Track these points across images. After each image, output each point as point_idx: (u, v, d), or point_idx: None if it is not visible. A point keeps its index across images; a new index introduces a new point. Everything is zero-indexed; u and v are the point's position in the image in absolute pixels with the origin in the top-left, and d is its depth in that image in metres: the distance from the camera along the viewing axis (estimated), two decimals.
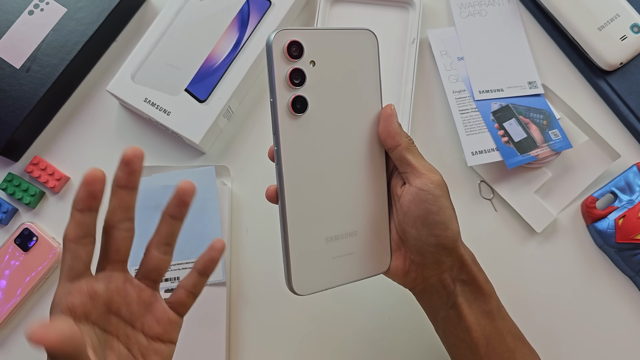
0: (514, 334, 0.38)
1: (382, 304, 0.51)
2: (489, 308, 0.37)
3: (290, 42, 0.33)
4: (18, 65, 0.54)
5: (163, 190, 0.53)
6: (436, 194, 0.35)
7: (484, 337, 0.37)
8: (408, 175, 0.36)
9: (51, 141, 0.57)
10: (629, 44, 0.52)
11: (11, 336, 0.52)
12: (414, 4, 0.56)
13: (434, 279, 0.37)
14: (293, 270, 0.34)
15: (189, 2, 0.55)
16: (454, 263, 0.37)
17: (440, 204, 0.35)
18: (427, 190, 0.35)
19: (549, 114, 0.53)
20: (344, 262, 0.36)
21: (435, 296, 0.38)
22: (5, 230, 0.54)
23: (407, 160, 0.36)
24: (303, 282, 0.35)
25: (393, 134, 0.36)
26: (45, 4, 0.55)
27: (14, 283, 0.52)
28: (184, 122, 0.52)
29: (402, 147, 0.36)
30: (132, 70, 0.53)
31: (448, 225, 0.35)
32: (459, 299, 0.37)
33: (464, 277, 0.37)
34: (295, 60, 0.33)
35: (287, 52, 0.33)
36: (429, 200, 0.35)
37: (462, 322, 0.37)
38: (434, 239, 0.35)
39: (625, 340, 0.50)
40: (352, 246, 0.37)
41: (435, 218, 0.35)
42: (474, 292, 0.37)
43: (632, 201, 0.50)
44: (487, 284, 0.38)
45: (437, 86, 0.56)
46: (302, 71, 0.33)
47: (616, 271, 0.52)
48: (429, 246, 0.36)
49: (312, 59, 0.34)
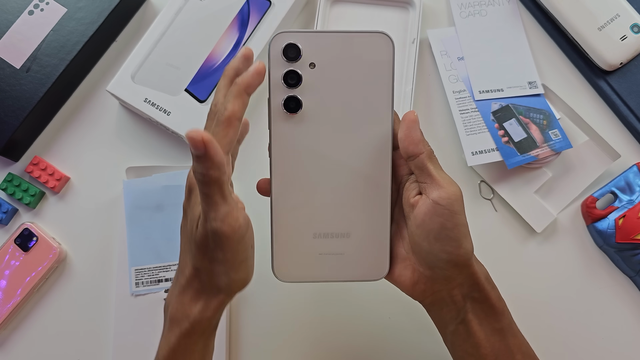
0: (524, 351, 0.38)
1: (382, 304, 0.51)
2: (500, 326, 0.37)
3: (287, 45, 0.34)
4: (18, 65, 0.54)
5: (163, 190, 0.53)
6: (453, 210, 0.33)
7: (493, 355, 0.36)
8: (426, 186, 0.35)
9: (51, 141, 0.57)
10: (629, 44, 0.52)
11: (11, 336, 0.52)
12: (414, 4, 0.56)
13: (444, 293, 0.36)
14: (274, 257, 0.37)
15: (189, 2, 0.55)
16: (465, 280, 0.36)
17: (456, 220, 0.34)
18: (444, 205, 0.33)
19: (549, 114, 0.53)
20: (331, 260, 0.37)
21: (445, 310, 0.37)
22: (5, 230, 0.54)
23: (427, 170, 0.34)
24: (284, 269, 0.37)
25: (417, 141, 0.34)
26: (45, 4, 0.55)
27: (14, 283, 0.52)
28: (184, 122, 0.52)
29: (424, 155, 0.34)
30: (132, 70, 0.53)
31: (461, 243, 0.34)
32: (469, 315, 0.36)
33: (475, 294, 0.36)
34: (291, 62, 0.34)
35: (283, 55, 0.34)
36: (445, 216, 0.33)
37: (471, 338, 0.36)
38: (445, 255, 0.34)
39: (625, 340, 0.50)
40: (343, 247, 0.37)
41: (449, 234, 0.34)
42: (486, 310, 0.36)
43: (632, 201, 0.50)
44: (499, 301, 0.37)
45: (437, 86, 0.56)
46: (298, 73, 0.35)
47: (616, 271, 0.52)
48: (439, 261, 0.35)
49: (312, 61, 0.35)
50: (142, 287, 0.51)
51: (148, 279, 0.51)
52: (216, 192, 0.31)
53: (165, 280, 0.51)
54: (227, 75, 0.35)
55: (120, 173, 0.55)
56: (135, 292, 0.51)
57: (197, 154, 0.29)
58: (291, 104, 0.35)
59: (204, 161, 0.29)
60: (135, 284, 0.51)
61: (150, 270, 0.51)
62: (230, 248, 0.32)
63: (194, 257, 0.34)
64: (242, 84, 0.33)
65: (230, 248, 0.32)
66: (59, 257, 0.52)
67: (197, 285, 0.35)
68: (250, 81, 0.33)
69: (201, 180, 0.30)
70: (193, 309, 0.34)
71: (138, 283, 0.51)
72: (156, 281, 0.51)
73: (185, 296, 0.35)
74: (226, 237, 0.32)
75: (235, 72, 0.35)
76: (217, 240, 0.32)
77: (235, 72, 0.35)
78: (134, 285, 0.51)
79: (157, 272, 0.51)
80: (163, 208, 0.52)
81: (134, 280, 0.51)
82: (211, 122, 0.34)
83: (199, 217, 0.33)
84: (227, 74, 0.35)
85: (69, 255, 0.54)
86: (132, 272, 0.52)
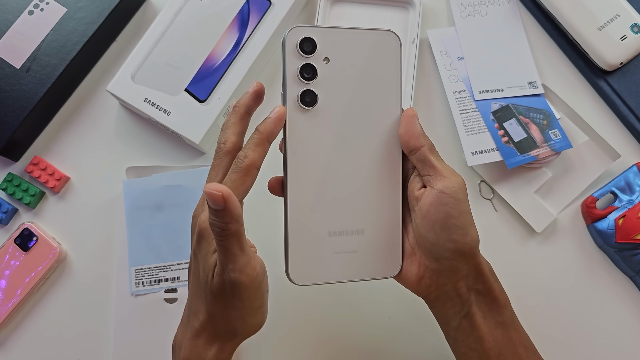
0: (526, 345, 0.38)
1: (382, 304, 0.51)
2: (503, 319, 0.37)
3: (303, 39, 0.34)
4: (18, 65, 0.54)
5: (163, 190, 0.53)
6: (458, 198, 0.34)
7: (497, 348, 0.36)
8: (430, 178, 0.35)
9: (51, 141, 0.57)
10: (629, 44, 0.52)
11: (11, 336, 0.52)
12: (414, 4, 0.56)
13: (449, 286, 0.36)
14: (290, 259, 0.35)
15: (189, 2, 0.55)
16: (470, 271, 0.36)
17: (461, 208, 0.34)
18: (449, 194, 0.34)
19: (549, 114, 0.53)
20: (346, 259, 0.36)
21: (449, 304, 0.37)
22: (5, 230, 0.54)
23: (430, 162, 0.35)
24: (301, 271, 0.35)
25: (417, 134, 0.35)
26: (45, 4, 0.55)
27: (14, 283, 0.52)
28: (184, 122, 0.52)
29: (425, 148, 0.35)
30: (132, 70, 0.53)
31: (467, 230, 0.34)
32: (473, 308, 0.36)
33: (479, 286, 0.36)
34: (307, 55, 0.34)
35: (299, 48, 0.34)
36: (450, 204, 0.34)
37: (474, 332, 0.36)
38: (451, 244, 0.34)
39: (625, 340, 0.50)
40: (357, 244, 0.36)
41: (455, 222, 0.34)
42: (489, 303, 0.36)
43: (632, 201, 0.50)
44: (502, 294, 0.37)
45: (437, 86, 0.56)
46: (314, 67, 0.35)
47: (616, 271, 0.52)
48: (446, 252, 0.35)
49: (327, 55, 0.35)
50: (142, 287, 0.51)
51: (148, 279, 0.51)
52: (234, 244, 0.31)
53: (165, 280, 0.51)
54: (238, 112, 0.35)
55: (120, 173, 0.55)
56: (135, 292, 0.51)
57: (216, 208, 0.29)
58: (307, 98, 0.35)
59: (222, 216, 0.29)
60: (135, 284, 0.51)
61: (150, 270, 0.51)
62: (248, 296, 0.33)
63: (209, 304, 0.34)
64: (264, 132, 0.33)
65: (247, 296, 0.33)
66: (59, 257, 0.52)
67: (211, 329, 0.35)
68: (272, 129, 0.33)
69: (219, 233, 0.30)
70: (208, 353, 0.35)
71: (138, 283, 0.51)
72: (156, 281, 0.51)
73: (199, 340, 0.35)
74: (244, 286, 0.32)
75: (247, 110, 0.35)
76: (235, 290, 0.32)
77: (246, 110, 0.35)
78: (134, 285, 0.51)
79: (157, 272, 0.51)
80: (163, 208, 0.52)
81: (134, 280, 0.51)
82: (219, 160, 0.35)
83: (214, 267, 0.33)
84: (239, 111, 0.35)
85: (69, 255, 0.54)
86: (132, 272, 0.52)
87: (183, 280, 0.51)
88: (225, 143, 0.35)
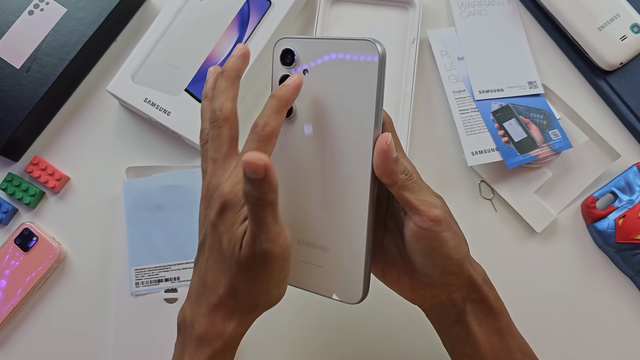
0: (523, 350, 0.38)
1: (381, 304, 0.51)
2: (499, 326, 0.37)
3: (283, 51, 0.35)
4: (18, 65, 0.54)
5: (163, 190, 0.53)
6: (436, 231, 0.33)
7: (493, 355, 0.36)
8: (407, 211, 0.34)
9: (51, 141, 0.57)
10: (629, 44, 0.52)
11: (11, 336, 0.52)
12: (414, 4, 0.56)
13: (443, 297, 0.36)
14: None
15: (189, 2, 0.55)
16: (464, 284, 0.36)
17: (442, 239, 0.33)
18: (427, 229, 0.33)
19: (549, 114, 0.53)
20: (312, 270, 0.36)
21: (444, 313, 0.37)
22: (5, 230, 0.54)
23: (403, 198, 0.34)
24: None
25: (388, 172, 0.33)
26: (45, 4, 0.55)
27: (14, 283, 0.52)
28: (184, 122, 0.52)
29: (397, 185, 0.33)
30: (132, 70, 0.53)
31: (452, 255, 0.34)
32: (469, 317, 0.36)
33: (474, 296, 0.36)
34: (287, 67, 0.35)
35: (280, 60, 0.35)
36: (430, 238, 0.33)
37: (471, 339, 0.36)
38: (438, 269, 0.34)
39: (625, 340, 0.50)
40: (322, 260, 0.36)
41: (438, 252, 0.34)
42: (484, 310, 0.36)
43: (632, 201, 0.50)
44: (497, 301, 0.37)
45: (437, 86, 0.56)
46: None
47: (616, 271, 0.52)
48: (434, 273, 0.35)
49: (305, 67, 0.34)
50: (142, 287, 0.51)
51: (148, 279, 0.51)
52: (269, 214, 0.30)
53: (165, 280, 0.51)
54: (229, 76, 0.35)
55: (120, 173, 0.55)
56: (135, 292, 0.51)
57: (255, 178, 0.28)
58: None
59: (261, 185, 0.29)
60: (135, 284, 0.51)
61: (150, 270, 0.51)
62: (277, 267, 0.32)
63: (234, 276, 0.33)
64: (283, 98, 0.32)
65: (277, 267, 0.32)
66: (59, 257, 0.52)
67: (232, 303, 0.34)
68: (290, 94, 0.32)
69: (255, 203, 0.30)
70: (227, 327, 0.34)
71: (138, 283, 0.51)
72: (156, 281, 0.51)
73: (217, 314, 0.34)
74: (275, 257, 0.31)
75: (237, 73, 0.35)
76: (265, 261, 0.31)
77: (237, 73, 0.35)
78: (134, 285, 0.51)
79: (157, 272, 0.51)
80: (163, 208, 0.52)
81: (134, 280, 0.51)
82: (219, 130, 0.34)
83: (242, 238, 0.32)
84: (229, 75, 0.35)
85: (69, 255, 0.54)
86: (132, 272, 0.52)
87: (183, 280, 0.51)
88: (221, 109, 0.34)
